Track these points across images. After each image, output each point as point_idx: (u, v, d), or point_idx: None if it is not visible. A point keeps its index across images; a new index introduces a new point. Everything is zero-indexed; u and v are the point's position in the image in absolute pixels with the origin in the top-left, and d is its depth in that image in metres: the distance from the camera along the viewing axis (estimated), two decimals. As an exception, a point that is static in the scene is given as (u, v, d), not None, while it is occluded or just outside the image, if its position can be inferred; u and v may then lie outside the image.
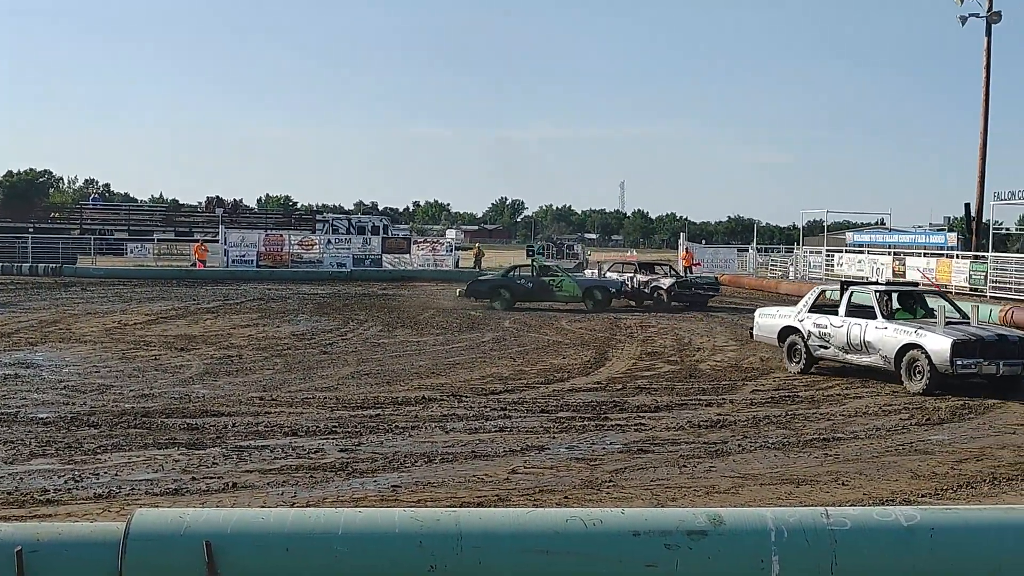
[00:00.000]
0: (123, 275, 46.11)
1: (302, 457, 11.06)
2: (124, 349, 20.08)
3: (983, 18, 44.49)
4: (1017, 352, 16.35)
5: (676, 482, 10.40)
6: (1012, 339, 16.68)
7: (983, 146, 45.73)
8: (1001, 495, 10.18)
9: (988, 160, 45.85)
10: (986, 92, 45.34)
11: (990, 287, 39.84)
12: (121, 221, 70.43)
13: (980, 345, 16.18)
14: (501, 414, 13.77)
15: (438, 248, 61.09)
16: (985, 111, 45.52)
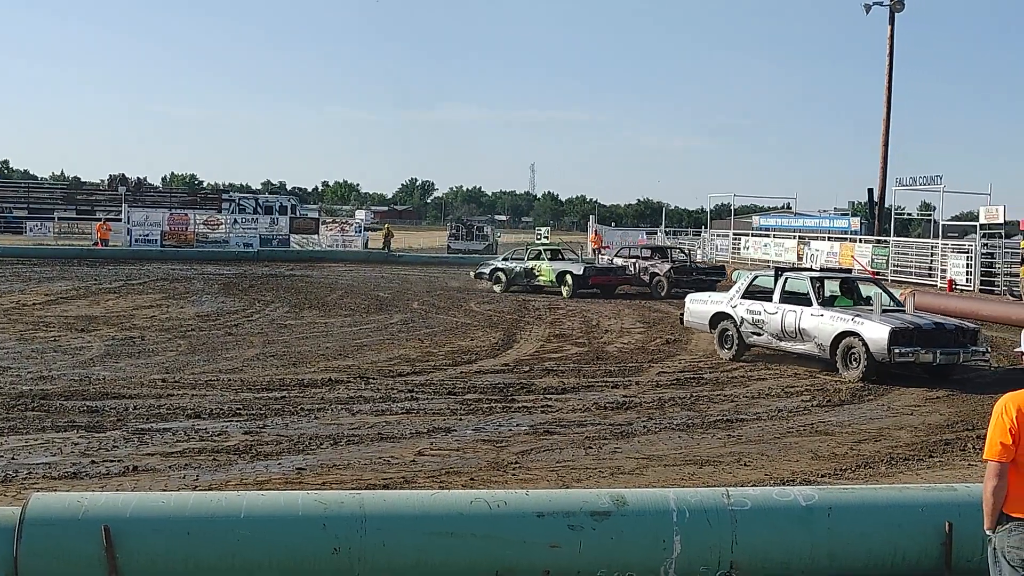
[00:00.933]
0: (22, 254, 45.14)
1: (205, 440, 10.92)
2: (22, 330, 19.65)
3: (887, 6, 45.30)
4: (953, 340, 16.51)
5: (581, 463, 10.47)
6: (948, 327, 16.82)
7: (886, 133, 46.60)
8: (898, 475, 10.41)
9: (891, 147, 46.83)
10: (889, 80, 46.19)
11: (891, 271, 40.64)
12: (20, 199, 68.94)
13: (918, 333, 16.25)
14: (408, 396, 13.74)
15: (347, 229, 60.79)
16: (888, 98, 46.38)
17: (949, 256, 38.09)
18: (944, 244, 39.73)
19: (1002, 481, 5.03)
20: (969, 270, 36.34)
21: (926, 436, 12.31)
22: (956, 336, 16.65)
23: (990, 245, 36.67)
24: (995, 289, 34.69)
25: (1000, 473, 5.03)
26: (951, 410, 13.94)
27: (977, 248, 36.37)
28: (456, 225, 67.46)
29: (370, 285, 34.14)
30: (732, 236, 55.32)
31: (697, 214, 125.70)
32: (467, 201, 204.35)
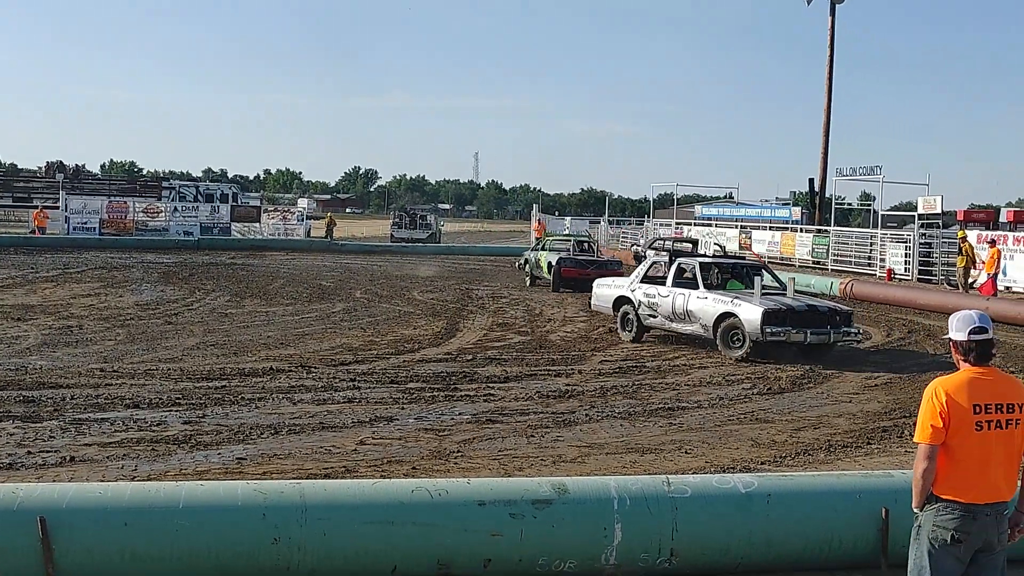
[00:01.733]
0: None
1: (144, 430, 10.81)
2: (-43, 319, 19.35)
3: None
4: (825, 321, 17.26)
5: (523, 452, 10.49)
6: (822, 309, 17.57)
7: (827, 124, 47.08)
8: (836, 462, 10.52)
9: (831, 137, 47.28)
10: (830, 71, 46.65)
11: (832, 260, 41.09)
12: (-46, 186, 67.74)
13: (789, 314, 16.99)
14: (350, 385, 13.68)
15: (289, 217, 60.43)
16: (829, 89, 46.84)
17: (888, 246, 38.63)
18: (883, 234, 40.26)
19: (932, 463, 5.14)
20: (907, 260, 36.82)
21: (864, 423, 12.45)
22: (829, 318, 17.43)
23: (928, 235, 37.20)
24: (933, 278, 35.19)
25: (931, 455, 5.14)
26: (889, 397, 14.11)
27: (915, 238, 36.88)
28: (399, 214, 67.19)
29: (312, 274, 33.95)
30: (675, 225, 55.63)
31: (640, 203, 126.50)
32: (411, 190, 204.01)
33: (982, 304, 24.92)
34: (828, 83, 46.71)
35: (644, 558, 6.71)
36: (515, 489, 6.79)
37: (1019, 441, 5.20)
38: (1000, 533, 5.20)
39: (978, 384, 5.19)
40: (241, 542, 6.23)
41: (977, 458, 5.12)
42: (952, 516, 5.14)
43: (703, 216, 62.53)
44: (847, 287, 29.70)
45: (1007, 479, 5.21)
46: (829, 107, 47.02)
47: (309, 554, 6.27)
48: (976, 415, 5.11)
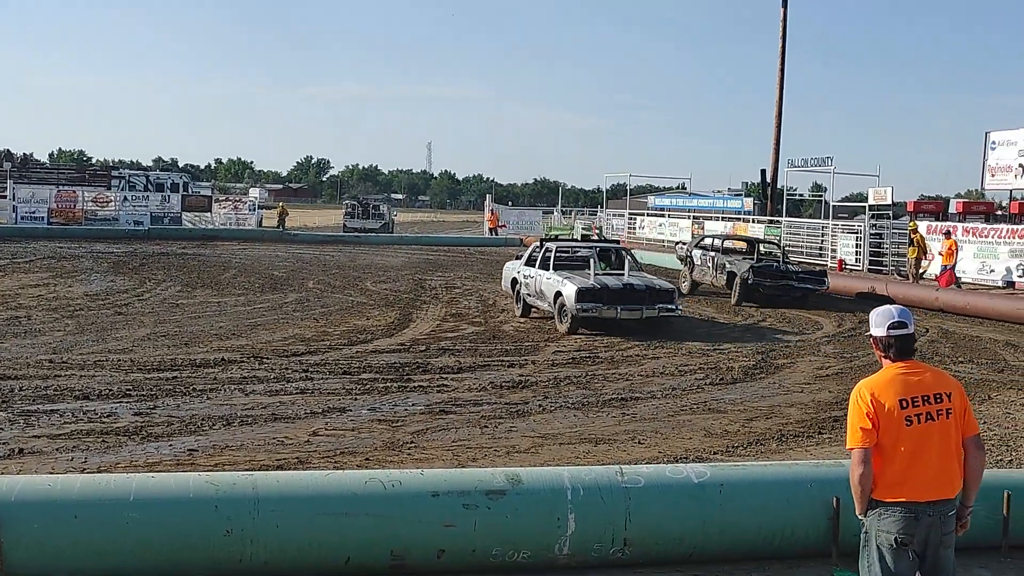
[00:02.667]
0: None
1: (94, 421, 10.71)
2: (-98, 309, 19.07)
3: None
4: (640, 299, 18.67)
5: (477, 442, 10.49)
6: (639, 288, 18.93)
7: (779, 115, 47.29)
8: (788, 451, 10.61)
9: (783, 129, 47.61)
10: (782, 63, 46.86)
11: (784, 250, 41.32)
12: (-101, 174, 66.58)
13: (604, 292, 18.58)
14: (303, 376, 13.62)
15: (241, 207, 59.98)
16: (781, 81, 47.06)
17: (839, 236, 38.88)
18: (834, 225, 40.52)
19: (867, 468, 5.03)
20: (858, 250, 37.11)
21: (815, 413, 12.55)
22: (646, 295, 18.89)
23: (879, 226, 37.48)
24: (883, 269, 35.48)
25: (864, 459, 5.03)
26: (840, 387, 14.21)
27: (866, 229, 37.16)
28: (352, 204, 66.80)
29: (264, 264, 33.74)
30: (628, 216, 55.77)
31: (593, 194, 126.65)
32: (363, 179, 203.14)
33: (931, 294, 25.22)
34: (780, 74, 46.94)
35: (598, 548, 6.74)
36: (469, 480, 6.79)
37: (955, 433, 5.12)
38: (945, 534, 5.08)
39: (902, 379, 5.14)
40: (193, 534, 6.19)
41: (911, 453, 5.02)
42: (894, 519, 5.03)
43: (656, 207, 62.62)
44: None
45: (947, 474, 5.09)
46: (781, 98, 47.26)
47: (262, 546, 6.24)
48: (904, 410, 5.04)
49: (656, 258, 40.21)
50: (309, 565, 6.41)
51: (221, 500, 6.26)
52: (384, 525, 6.44)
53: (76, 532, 6.03)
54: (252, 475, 6.77)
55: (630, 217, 55.48)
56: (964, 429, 5.17)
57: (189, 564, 6.22)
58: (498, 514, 6.58)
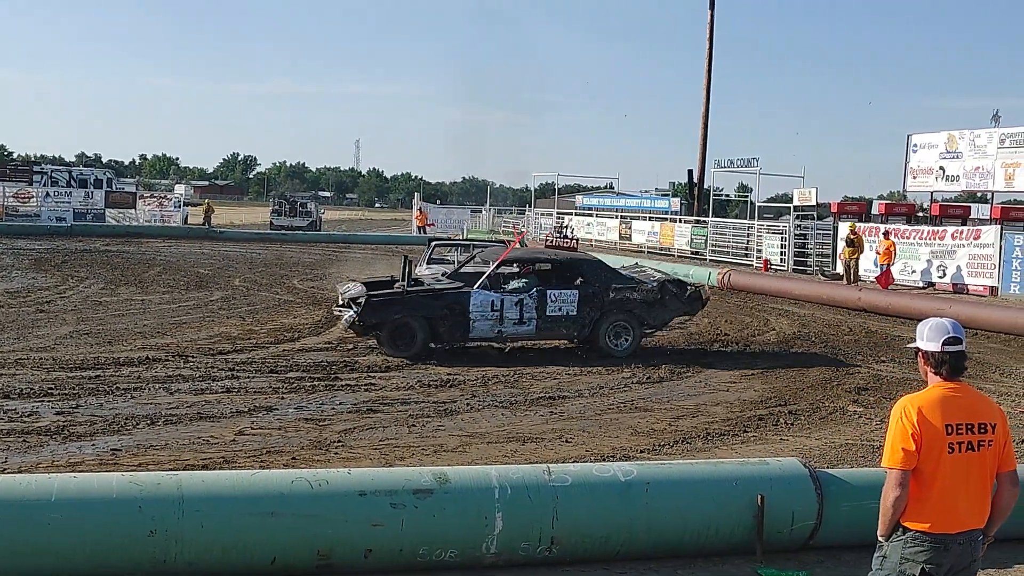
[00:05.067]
0: None
1: (15, 421, 10.55)
2: None
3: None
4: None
5: (405, 441, 10.49)
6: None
7: (705, 115, 47.75)
8: (714, 449, 10.73)
9: (710, 129, 47.99)
10: (708, 63, 47.31)
11: (710, 250, 41.73)
12: None
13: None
14: (229, 375, 13.51)
15: (166, 204, 59.26)
16: (708, 82, 47.51)
17: (765, 237, 39.36)
18: (760, 225, 41.02)
19: (904, 492, 4.74)
20: (783, 250, 37.59)
21: (741, 412, 12.70)
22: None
23: (803, 226, 38.04)
24: (807, 269, 35.98)
25: (902, 482, 4.73)
26: (765, 386, 14.40)
27: (791, 229, 37.67)
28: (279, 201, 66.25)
29: (190, 261, 33.38)
30: (556, 215, 55.97)
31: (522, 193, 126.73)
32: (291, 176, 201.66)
33: (854, 294, 25.60)
34: (707, 75, 47.37)
35: (525, 547, 6.77)
36: (396, 479, 6.80)
37: (991, 465, 4.82)
38: (973, 561, 4.85)
39: (952, 402, 4.79)
40: (117, 535, 6.13)
41: (949, 485, 4.72)
42: (922, 549, 4.75)
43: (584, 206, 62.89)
44: (724, 277, 30.20)
45: (980, 506, 4.82)
46: (708, 99, 47.71)
47: (187, 546, 6.20)
48: (948, 436, 4.71)
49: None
50: (235, 565, 6.37)
51: (145, 500, 6.21)
52: (311, 525, 6.42)
53: (-4, 533, 5.95)
54: (177, 475, 6.72)
55: (558, 217, 55.67)
56: (1002, 463, 4.87)
57: (112, 565, 6.16)
58: (426, 513, 6.59)
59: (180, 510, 6.20)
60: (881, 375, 15.71)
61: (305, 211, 62.15)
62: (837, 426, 12.15)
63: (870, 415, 12.71)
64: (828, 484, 7.39)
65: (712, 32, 47.02)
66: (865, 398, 13.83)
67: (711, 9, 46.68)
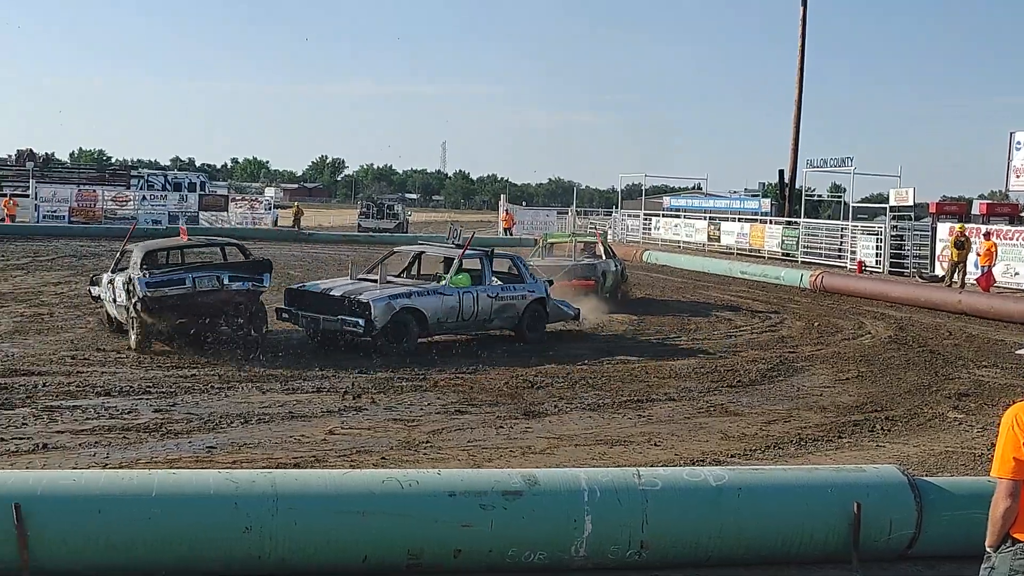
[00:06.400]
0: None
1: (115, 417, 10.80)
2: (-75, 305, 19.20)
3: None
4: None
5: (493, 443, 10.53)
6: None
7: (797, 114, 47.22)
8: (807, 455, 10.57)
9: (802, 128, 47.45)
10: (801, 61, 46.77)
11: (802, 252, 41.21)
12: (-74, 173, 66.95)
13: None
14: (319, 374, 13.66)
15: (257, 206, 60.16)
16: (800, 79, 46.97)
17: (859, 238, 38.71)
18: (854, 226, 40.37)
19: (1015, 502, 4.62)
20: (879, 252, 36.95)
21: (835, 417, 12.49)
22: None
23: (899, 227, 37.31)
24: (904, 271, 35.32)
25: (1013, 492, 4.62)
26: (860, 391, 14.18)
27: (887, 230, 37.01)
28: (367, 203, 66.80)
29: (280, 263, 33.63)
30: (643, 217, 55.71)
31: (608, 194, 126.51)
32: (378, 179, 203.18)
33: (954, 297, 25.11)
34: (799, 73, 46.83)
35: (614, 550, 6.76)
36: (485, 480, 6.82)
37: None
38: None
39: None
40: (213, 531, 6.25)
41: None
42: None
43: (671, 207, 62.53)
44: (817, 280, 29.80)
45: None
46: (800, 97, 47.15)
47: (280, 543, 6.29)
48: None
49: (671, 258, 40.23)
50: (326, 563, 6.46)
51: (241, 498, 6.32)
52: (401, 524, 6.48)
53: (99, 526, 6.10)
54: (271, 473, 6.83)
55: (645, 218, 55.44)
56: None
57: (208, 560, 6.28)
58: (515, 515, 6.60)
59: (274, 507, 6.30)
60: (983, 381, 15.40)
61: (392, 213, 62.56)
62: (936, 433, 11.93)
63: (971, 422, 12.46)
64: (927, 492, 7.23)
65: (804, 29, 46.46)
66: (966, 404, 13.57)
67: (803, 5, 46.11)
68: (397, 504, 6.50)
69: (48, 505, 6.07)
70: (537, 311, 17.80)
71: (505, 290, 17.59)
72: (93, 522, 6.10)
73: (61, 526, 6.07)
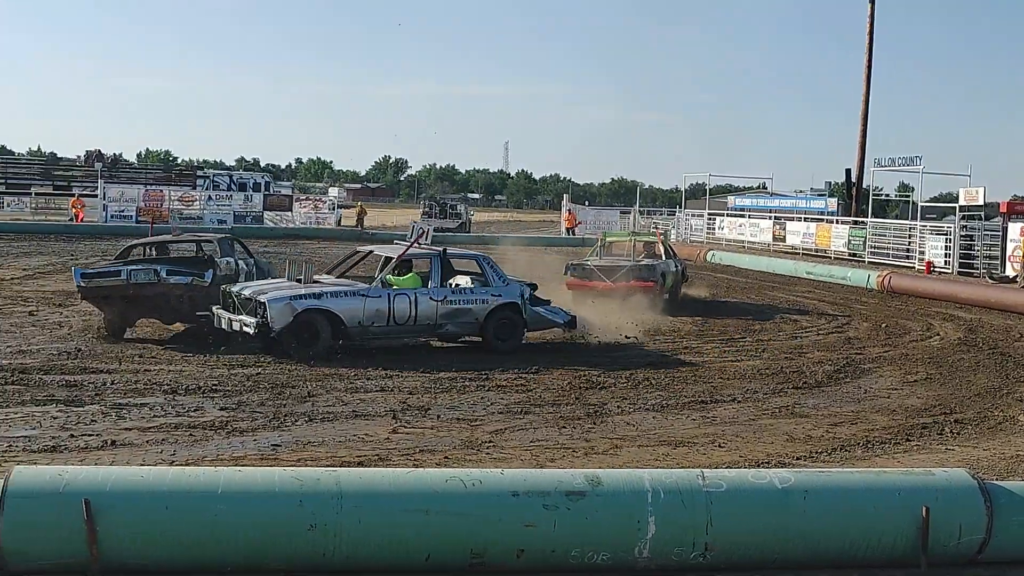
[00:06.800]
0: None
1: (182, 415, 10.93)
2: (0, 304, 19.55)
3: (868, -19, 45.28)
4: None
5: (556, 443, 10.51)
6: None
7: (865, 112, 46.65)
8: (874, 458, 10.43)
9: (869, 127, 46.88)
10: (869, 59, 46.21)
11: (869, 252, 40.74)
12: (-3, 174, 68.21)
13: None
14: (383, 374, 13.73)
15: (321, 206, 60.62)
16: (867, 77, 46.40)
17: (928, 238, 38.17)
18: (922, 226, 39.83)
19: None
20: (948, 252, 36.40)
21: (903, 419, 12.32)
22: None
23: (969, 227, 36.72)
24: (974, 271, 34.77)
25: None
26: (928, 393, 13.99)
27: (956, 230, 36.46)
28: (429, 203, 67.11)
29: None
30: (707, 216, 55.40)
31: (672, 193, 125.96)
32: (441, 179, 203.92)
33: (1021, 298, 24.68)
34: (867, 70, 46.23)
35: (678, 552, 6.71)
36: (549, 480, 6.81)
37: None
38: None
39: None
40: (278, 528, 6.30)
41: None
42: None
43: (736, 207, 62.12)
44: (885, 280, 29.44)
45: None
46: (868, 95, 46.55)
47: (345, 542, 6.33)
48: None
49: (736, 259, 39.98)
50: (390, 561, 6.48)
51: (306, 496, 6.36)
52: (464, 524, 6.48)
53: (166, 523, 6.17)
54: (335, 471, 6.87)
55: (709, 218, 55.13)
56: None
57: (273, 557, 6.33)
58: (578, 515, 6.58)
59: (339, 506, 6.33)
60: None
61: (455, 213, 62.77)
62: (1008, 437, 11.72)
63: (1044, 426, 12.24)
64: (998, 497, 7.09)
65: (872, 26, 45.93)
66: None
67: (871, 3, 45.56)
68: (460, 503, 6.51)
69: (117, 501, 6.16)
70: (507, 317, 16.20)
71: (458, 293, 16.18)
72: (161, 518, 6.17)
73: (129, 522, 6.15)
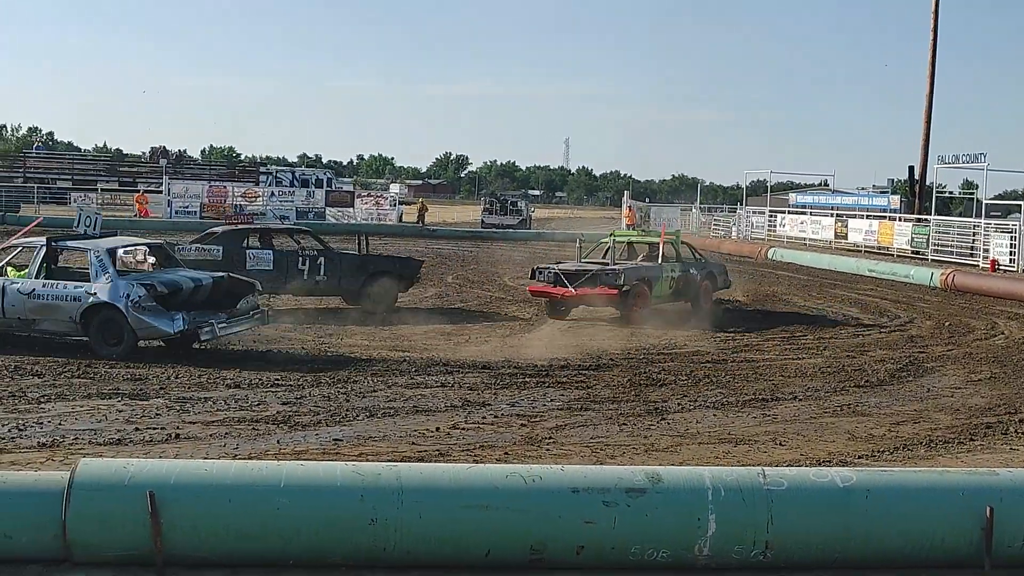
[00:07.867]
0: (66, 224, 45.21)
1: (244, 409, 11.06)
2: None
3: (930, -21, 44.69)
4: None
5: (615, 440, 10.49)
6: None
7: (928, 109, 46.03)
8: (937, 458, 10.30)
9: (933, 123, 46.25)
10: (932, 54, 45.58)
11: (932, 250, 40.24)
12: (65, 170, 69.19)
13: None
14: (443, 369, 13.79)
15: (382, 202, 60.90)
16: (931, 73, 45.77)
17: (992, 236, 37.61)
18: (987, 223, 39.24)
19: None
20: (1013, 250, 35.85)
21: (967, 419, 12.16)
22: None
23: (1035, 224, 36.13)
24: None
25: None
26: (993, 392, 13.80)
27: (1021, 227, 35.90)
28: (490, 199, 67.10)
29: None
30: (768, 213, 55.01)
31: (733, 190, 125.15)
32: (501, 175, 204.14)
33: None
34: (931, 66, 45.62)
35: (738, 550, 6.69)
36: (609, 477, 6.81)
37: None
38: None
39: None
40: (339, 522, 6.36)
41: None
42: None
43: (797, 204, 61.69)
44: (948, 278, 29.07)
45: None
46: (931, 91, 45.92)
47: (405, 536, 6.37)
48: None
49: (797, 256, 39.66)
50: (450, 556, 6.52)
51: (367, 490, 6.41)
52: (524, 519, 6.50)
53: (229, 516, 6.26)
54: (396, 466, 6.91)
55: (770, 215, 54.73)
56: None
57: (334, 551, 6.39)
58: (638, 512, 6.58)
59: (399, 500, 6.38)
60: None
61: (515, 209, 62.75)
62: (1073, 436, 11.55)
63: (1109, 427, 12.02)
64: (1065, 497, 6.99)
65: (936, 21, 45.28)
66: (1104, 408, 13.09)
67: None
68: (520, 499, 6.52)
69: (181, 494, 6.25)
70: (112, 318, 14.00)
71: (48, 288, 14.31)
72: (224, 511, 6.26)
73: (193, 514, 6.24)
